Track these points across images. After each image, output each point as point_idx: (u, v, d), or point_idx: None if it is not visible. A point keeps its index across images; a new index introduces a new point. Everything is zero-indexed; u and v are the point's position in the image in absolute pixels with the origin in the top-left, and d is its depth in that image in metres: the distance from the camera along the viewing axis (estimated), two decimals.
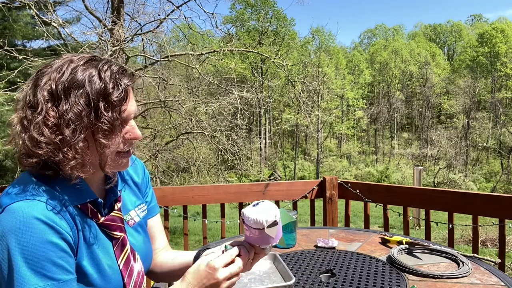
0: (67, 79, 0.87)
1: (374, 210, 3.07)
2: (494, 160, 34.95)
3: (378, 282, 1.29)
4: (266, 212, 0.97)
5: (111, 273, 0.96)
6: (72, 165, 0.86)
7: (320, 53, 34.54)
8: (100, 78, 0.88)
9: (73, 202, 0.92)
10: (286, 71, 9.56)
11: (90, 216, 0.96)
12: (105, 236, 0.99)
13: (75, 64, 0.90)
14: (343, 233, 1.85)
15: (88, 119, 0.86)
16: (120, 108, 0.90)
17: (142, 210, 1.15)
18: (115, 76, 0.91)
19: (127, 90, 0.92)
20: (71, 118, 0.85)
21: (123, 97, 0.91)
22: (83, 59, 0.92)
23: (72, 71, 0.88)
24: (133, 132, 0.96)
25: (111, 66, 0.93)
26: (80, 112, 0.85)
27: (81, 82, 0.87)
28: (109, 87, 0.88)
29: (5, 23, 11.71)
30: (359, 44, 50.92)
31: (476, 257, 1.46)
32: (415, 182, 11.35)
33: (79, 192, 0.94)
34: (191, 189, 2.84)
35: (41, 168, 0.88)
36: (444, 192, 2.54)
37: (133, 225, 1.09)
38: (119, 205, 1.05)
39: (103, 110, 0.87)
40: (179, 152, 11.79)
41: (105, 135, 0.88)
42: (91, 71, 0.89)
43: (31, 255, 0.80)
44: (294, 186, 2.97)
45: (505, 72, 37.62)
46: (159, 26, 7.55)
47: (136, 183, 1.18)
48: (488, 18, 64.30)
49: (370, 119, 40.75)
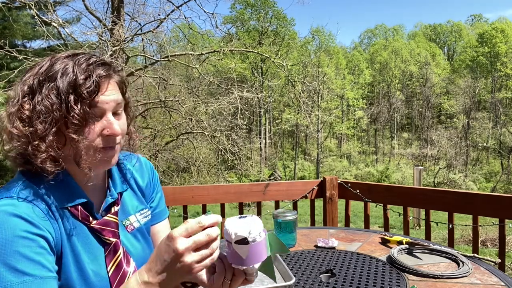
0: (43, 72, 0.87)
1: (374, 210, 3.07)
2: (494, 160, 34.96)
3: (378, 282, 1.29)
4: (241, 225, 0.83)
5: (95, 280, 0.92)
6: (42, 158, 0.84)
7: (320, 53, 34.53)
8: (72, 70, 0.86)
9: (62, 203, 0.89)
10: (286, 71, 9.57)
11: (80, 219, 0.92)
12: (97, 241, 0.94)
13: (56, 58, 0.89)
14: (343, 233, 1.85)
15: (59, 112, 0.84)
16: (90, 101, 0.86)
17: (144, 215, 1.10)
18: (89, 68, 0.87)
19: (98, 82, 0.87)
20: (42, 111, 0.83)
21: (93, 89, 0.86)
22: (66, 53, 0.91)
23: (49, 65, 0.88)
24: (111, 128, 0.90)
25: (89, 58, 0.90)
26: (51, 105, 0.83)
27: (54, 75, 0.86)
28: (79, 78, 0.85)
29: (5, 23, 11.72)
30: (359, 44, 50.95)
31: (476, 257, 1.46)
32: (415, 182, 11.35)
33: (69, 193, 0.91)
34: (191, 189, 2.84)
35: (24, 163, 0.88)
36: (444, 192, 2.54)
37: (131, 231, 1.04)
38: (116, 208, 1.01)
39: (73, 103, 0.84)
40: (179, 152, 11.80)
41: (74, 129, 0.85)
42: (67, 63, 0.87)
43: (5, 250, 0.76)
44: (294, 186, 2.97)
45: (505, 72, 37.63)
46: (159, 26, 7.56)
47: (140, 187, 1.12)
48: (488, 18, 64.37)
49: (370, 119, 40.75)
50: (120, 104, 0.94)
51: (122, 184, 1.06)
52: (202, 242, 0.78)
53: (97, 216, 0.96)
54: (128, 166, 1.11)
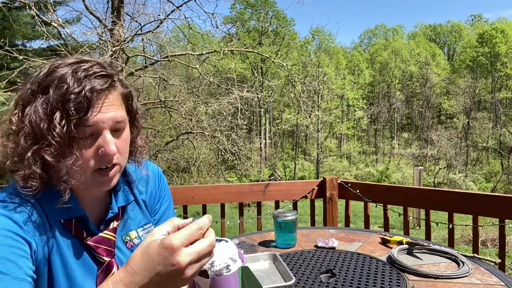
0: (38, 80, 0.80)
1: (374, 210, 3.07)
2: (494, 160, 34.96)
3: (378, 282, 1.29)
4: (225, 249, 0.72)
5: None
6: (21, 175, 0.78)
7: (320, 53, 34.53)
8: (67, 81, 0.77)
9: (55, 216, 0.84)
10: (286, 71, 9.57)
11: (73, 234, 0.86)
12: (90, 258, 0.88)
13: (57, 64, 0.81)
14: (343, 233, 1.85)
15: (44, 130, 0.76)
16: (79, 119, 0.77)
17: (147, 231, 1.01)
18: (85, 79, 0.78)
19: (90, 97, 0.77)
20: (26, 126, 0.77)
21: (82, 106, 0.76)
22: (71, 58, 0.83)
23: (47, 73, 0.80)
24: (105, 147, 0.81)
25: (91, 67, 0.81)
26: (37, 121, 0.76)
27: (48, 86, 0.78)
28: (70, 91, 0.76)
29: (5, 23, 11.73)
30: (359, 44, 50.96)
31: (476, 257, 1.46)
32: (415, 182, 11.36)
33: (63, 206, 0.83)
34: (191, 189, 2.84)
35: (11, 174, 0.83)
36: (444, 192, 2.54)
37: (131, 248, 0.97)
38: (116, 223, 0.94)
39: (57, 121, 0.75)
40: (179, 152, 11.81)
41: (51, 151, 0.77)
42: (66, 71, 0.78)
43: None
44: (294, 186, 2.97)
45: (505, 72, 37.63)
46: (159, 26, 7.56)
47: (144, 200, 1.04)
48: (488, 18, 64.35)
49: (370, 119, 40.75)
50: (121, 121, 0.85)
51: (127, 196, 0.99)
52: (205, 254, 0.66)
53: (94, 230, 0.90)
54: (135, 177, 1.03)
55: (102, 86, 0.80)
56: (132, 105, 0.91)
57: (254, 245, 1.68)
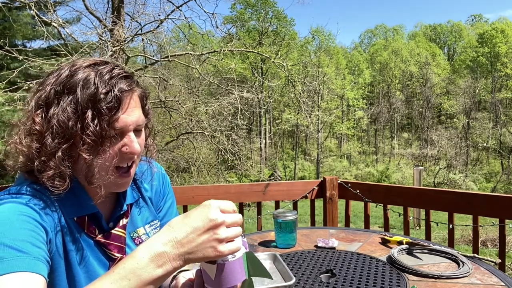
0: (61, 82, 0.81)
1: (374, 210, 3.07)
2: (494, 160, 34.96)
3: (378, 282, 1.29)
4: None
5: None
6: (49, 175, 0.79)
7: (320, 53, 34.52)
8: (94, 83, 0.79)
9: (69, 214, 0.85)
10: (286, 71, 9.57)
11: (86, 231, 0.88)
12: (102, 254, 0.90)
13: (76, 67, 0.83)
14: (343, 233, 1.85)
15: (74, 128, 0.78)
16: (110, 117, 0.80)
17: (154, 227, 1.04)
18: (112, 81, 0.81)
19: (120, 97, 0.81)
20: (55, 126, 0.78)
21: (113, 105, 0.80)
22: (87, 61, 0.85)
23: (69, 74, 0.82)
24: (130, 146, 0.84)
25: (113, 69, 0.83)
26: (67, 120, 0.78)
27: (73, 87, 0.79)
28: (100, 92, 0.79)
29: (5, 23, 11.73)
30: (359, 44, 50.96)
31: (476, 257, 1.46)
32: (415, 182, 11.35)
33: (78, 203, 0.86)
34: (191, 189, 2.83)
35: (29, 174, 0.84)
36: (444, 192, 2.54)
37: (139, 244, 0.99)
38: (125, 220, 0.96)
39: (90, 120, 0.78)
40: (179, 152, 11.81)
41: (87, 148, 0.79)
42: (89, 74, 0.81)
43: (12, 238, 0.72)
44: (294, 186, 2.97)
45: (505, 72, 37.63)
46: (159, 26, 7.56)
47: (150, 198, 1.06)
48: (488, 18, 64.39)
49: (370, 119, 40.75)
50: (142, 122, 0.88)
51: (133, 194, 1.02)
52: (237, 223, 0.71)
53: (105, 227, 0.92)
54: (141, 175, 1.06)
55: (129, 87, 0.84)
56: (146, 105, 0.95)
57: (254, 245, 1.68)
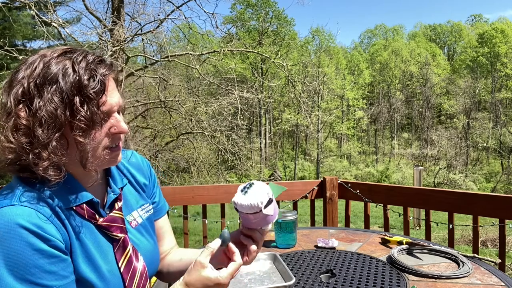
0: (39, 74, 0.82)
1: (374, 210, 3.07)
2: (494, 160, 34.96)
3: (378, 282, 1.29)
4: (258, 194, 0.93)
5: (111, 278, 0.92)
6: (44, 166, 0.80)
7: (320, 53, 34.54)
8: (74, 70, 0.82)
9: (66, 205, 0.87)
10: (286, 71, 9.57)
11: (87, 218, 0.91)
12: (105, 238, 0.94)
13: (48, 58, 0.84)
14: (343, 233, 1.85)
15: (63, 116, 0.80)
16: (98, 101, 0.84)
17: (146, 210, 1.10)
18: (91, 66, 0.84)
19: (103, 80, 0.85)
20: (44, 117, 0.79)
21: (99, 89, 0.84)
22: (56, 51, 0.86)
23: (44, 65, 0.83)
24: (118, 126, 0.90)
25: (86, 56, 0.86)
26: (55, 110, 0.80)
27: (54, 77, 0.81)
28: (83, 78, 0.82)
29: (5, 23, 11.74)
30: (359, 44, 50.94)
31: (477, 257, 1.46)
32: (415, 182, 11.35)
33: (72, 193, 0.88)
34: (191, 189, 2.83)
35: (18, 172, 0.84)
36: (444, 192, 2.54)
37: (135, 227, 1.04)
38: (120, 204, 1.00)
39: (79, 105, 0.81)
40: (179, 152, 11.80)
41: (82, 132, 0.82)
42: (65, 63, 0.83)
43: (17, 263, 0.75)
44: (294, 186, 2.97)
45: (505, 73, 37.62)
46: (159, 26, 7.55)
47: (138, 182, 1.12)
48: (488, 18, 64.25)
49: (370, 119, 40.74)
50: (122, 103, 0.93)
51: (122, 179, 1.06)
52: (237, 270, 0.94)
53: (102, 213, 0.95)
54: (124, 161, 1.10)
55: (108, 71, 0.88)
56: (121, 86, 1.00)
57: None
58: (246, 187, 0.97)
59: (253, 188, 0.95)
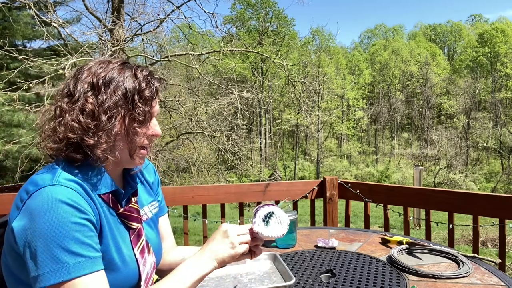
0: (106, 75, 0.98)
1: (374, 210, 3.07)
2: (495, 160, 34.95)
3: (378, 282, 1.29)
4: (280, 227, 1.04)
5: (129, 262, 1.02)
6: (103, 148, 0.94)
7: (320, 53, 34.52)
8: (135, 78, 1.00)
9: (97, 190, 0.98)
10: (286, 71, 9.55)
11: (111, 206, 1.02)
12: (123, 226, 1.04)
13: (113, 65, 1.01)
14: (343, 233, 1.85)
15: (125, 108, 0.97)
16: (151, 103, 1.02)
17: (154, 207, 1.22)
18: (148, 78, 1.03)
19: (157, 89, 1.04)
20: (109, 106, 0.95)
21: (153, 94, 1.02)
22: (118, 62, 1.04)
23: (111, 69, 1.00)
24: (155, 129, 1.06)
25: (143, 70, 1.05)
26: (118, 101, 0.96)
27: (119, 79, 0.98)
28: (142, 85, 1.00)
29: (5, 23, 11.73)
30: (359, 44, 50.91)
31: (477, 257, 1.46)
32: (415, 182, 11.35)
33: (102, 182, 0.99)
34: (192, 189, 2.83)
35: (70, 151, 0.95)
36: (444, 192, 2.54)
37: (146, 220, 1.15)
38: (135, 198, 1.11)
39: (138, 101, 0.99)
40: (179, 152, 11.79)
41: (139, 123, 0.99)
42: (127, 71, 1.01)
43: (60, 235, 0.85)
44: (294, 186, 2.97)
45: (505, 72, 37.62)
46: (159, 26, 7.54)
47: (148, 182, 1.24)
48: (488, 18, 64.11)
49: (370, 119, 40.74)
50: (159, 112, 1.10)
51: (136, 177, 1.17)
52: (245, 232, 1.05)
53: (122, 204, 1.06)
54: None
55: (159, 83, 1.06)
56: None
57: None
58: (267, 216, 1.06)
59: (274, 219, 1.05)
